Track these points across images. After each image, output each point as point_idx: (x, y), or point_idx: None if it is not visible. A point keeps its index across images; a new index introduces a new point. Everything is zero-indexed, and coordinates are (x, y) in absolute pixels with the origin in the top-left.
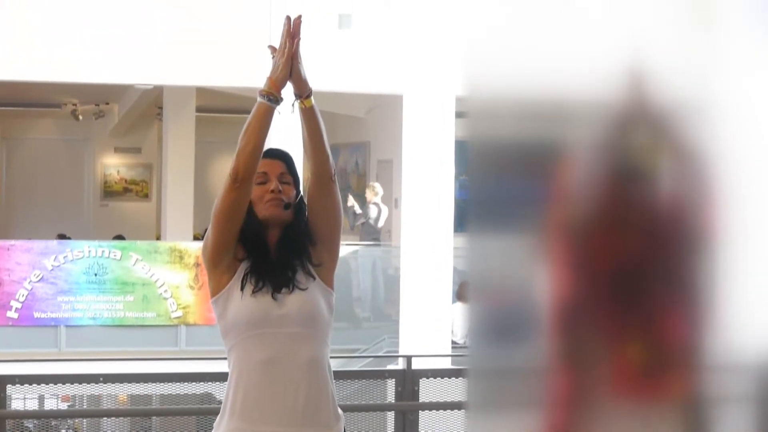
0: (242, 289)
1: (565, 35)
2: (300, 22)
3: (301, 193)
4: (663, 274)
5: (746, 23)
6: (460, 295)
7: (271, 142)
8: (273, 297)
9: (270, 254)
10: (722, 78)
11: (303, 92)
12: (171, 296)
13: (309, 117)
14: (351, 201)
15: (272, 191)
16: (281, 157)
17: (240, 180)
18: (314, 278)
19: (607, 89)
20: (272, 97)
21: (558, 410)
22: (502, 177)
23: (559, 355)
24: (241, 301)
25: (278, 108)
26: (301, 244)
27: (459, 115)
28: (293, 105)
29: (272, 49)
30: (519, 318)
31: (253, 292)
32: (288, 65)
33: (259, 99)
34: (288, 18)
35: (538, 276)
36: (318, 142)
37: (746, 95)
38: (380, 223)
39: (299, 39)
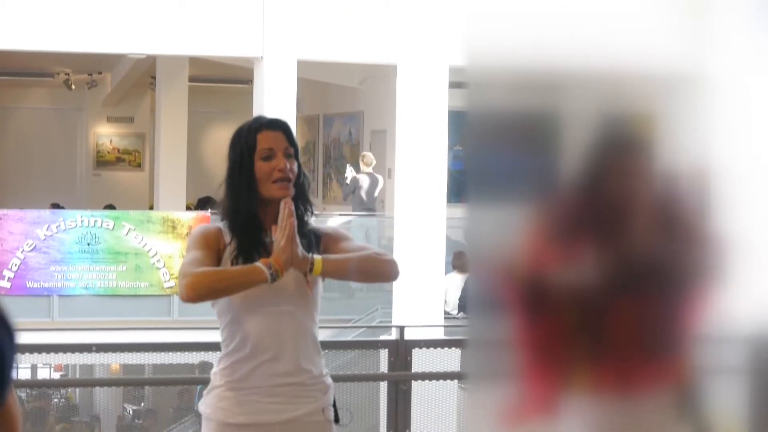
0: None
1: (564, 6)
2: (292, 203)
3: (301, 166)
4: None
5: None
6: (455, 264)
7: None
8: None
9: (265, 231)
10: (716, 52)
11: (305, 269)
12: (164, 266)
13: (331, 276)
14: (349, 172)
15: (281, 170)
16: (283, 127)
17: (192, 301)
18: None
19: (604, 61)
20: (277, 275)
21: (545, 379)
22: (500, 147)
23: (545, 327)
24: None
25: None
26: (301, 216)
27: (453, 85)
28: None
29: (273, 229)
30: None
31: None
32: (290, 246)
33: (264, 269)
34: (289, 200)
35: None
36: (365, 279)
37: (739, 71)
38: (376, 193)
39: (294, 219)
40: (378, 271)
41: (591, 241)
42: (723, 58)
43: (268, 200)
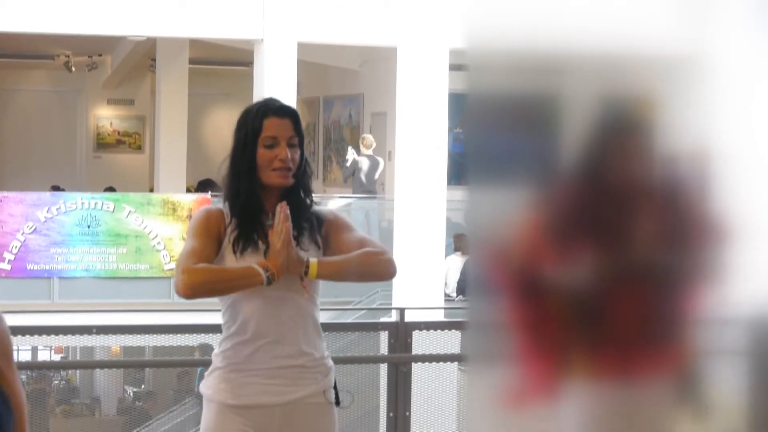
0: (235, 252)
1: None
2: (287, 206)
3: (305, 155)
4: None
5: None
6: (456, 246)
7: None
8: (266, 257)
9: (266, 213)
10: (716, 34)
11: (300, 272)
12: (164, 248)
13: (327, 279)
14: (350, 154)
15: (282, 160)
16: (291, 115)
17: (188, 298)
18: (319, 247)
19: (605, 43)
20: (273, 278)
21: (545, 363)
22: (500, 130)
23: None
24: (236, 263)
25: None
26: (302, 203)
27: (453, 67)
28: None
29: (270, 230)
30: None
31: (244, 252)
32: (285, 250)
33: (261, 273)
34: (284, 204)
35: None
36: (361, 280)
37: (740, 53)
38: (376, 176)
39: (290, 223)
40: (374, 272)
41: (591, 225)
42: (723, 40)
43: (271, 187)
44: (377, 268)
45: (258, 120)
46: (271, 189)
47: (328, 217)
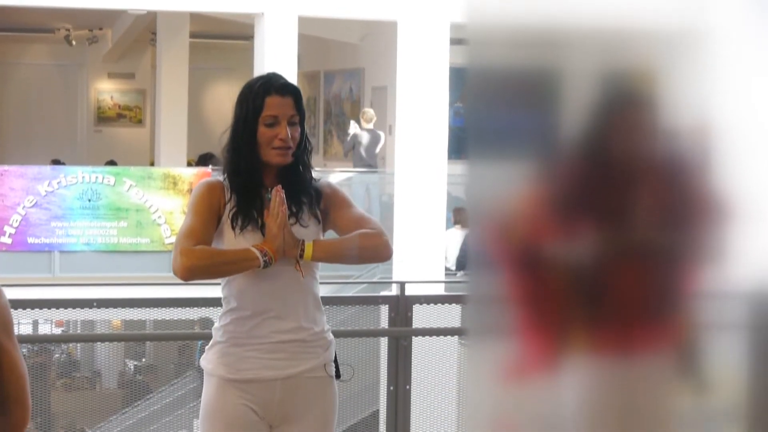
0: (234, 228)
1: None
2: (282, 190)
3: (306, 131)
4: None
5: None
6: (456, 220)
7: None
8: (263, 233)
9: (265, 188)
10: (718, 7)
11: (296, 255)
12: (165, 222)
13: (322, 261)
14: (352, 128)
15: (282, 140)
16: (292, 93)
17: (185, 280)
18: (319, 221)
19: (606, 16)
20: (271, 261)
21: (544, 338)
22: (501, 104)
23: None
24: (235, 240)
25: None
26: (302, 178)
27: (454, 41)
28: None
29: (266, 214)
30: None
31: (243, 228)
32: (281, 233)
33: (258, 256)
34: (279, 187)
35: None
36: (356, 263)
37: (741, 26)
38: (377, 150)
39: (285, 207)
40: (370, 255)
41: (591, 200)
42: (725, 13)
43: (270, 165)
44: (373, 251)
45: (259, 98)
46: (271, 165)
47: (325, 190)
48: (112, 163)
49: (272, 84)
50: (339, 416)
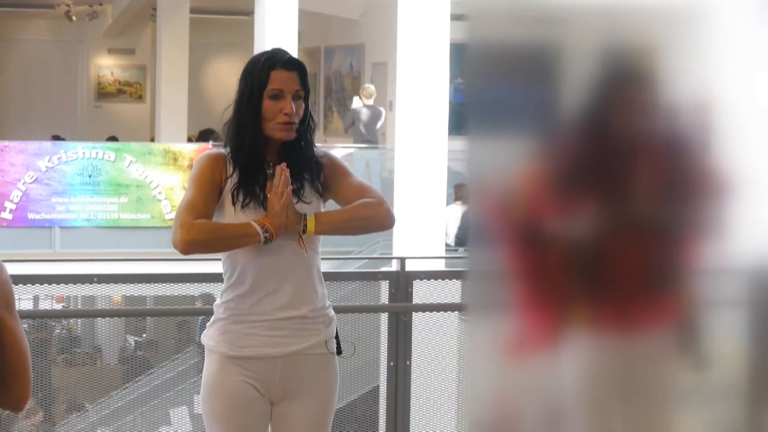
0: (234, 203)
1: None
2: (286, 169)
3: (309, 107)
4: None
5: None
6: (456, 196)
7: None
8: (265, 208)
9: (267, 163)
10: None
11: (298, 230)
12: (165, 198)
13: (325, 234)
14: (355, 103)
15: (287, 114)
16: (298, 67)
17: (185, 254)
18: (320, 195)
19: None
20: (271, 238)
21: (545, 313)
22: (501, 80)
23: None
24: (235, 216)
25: None
26: (304, 155)
27: (454, 17)
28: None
29: (269, 186)
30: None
31: (245, 205)
32: (284, 211)
33: (258, 231)
34: (284, 166)
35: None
36: (359, 233)
37: (741, 3)
38: (378, 126)
39: (290, 187)
40: (372, 225)
41: (592, 175)
42: None
43: (274, 139)
44: (376, 221)
45: (265, 72)
46: (274, 140)
47: (323, 161)
48: (112, 138)
49: (278, 58)
50: (339, 392)
